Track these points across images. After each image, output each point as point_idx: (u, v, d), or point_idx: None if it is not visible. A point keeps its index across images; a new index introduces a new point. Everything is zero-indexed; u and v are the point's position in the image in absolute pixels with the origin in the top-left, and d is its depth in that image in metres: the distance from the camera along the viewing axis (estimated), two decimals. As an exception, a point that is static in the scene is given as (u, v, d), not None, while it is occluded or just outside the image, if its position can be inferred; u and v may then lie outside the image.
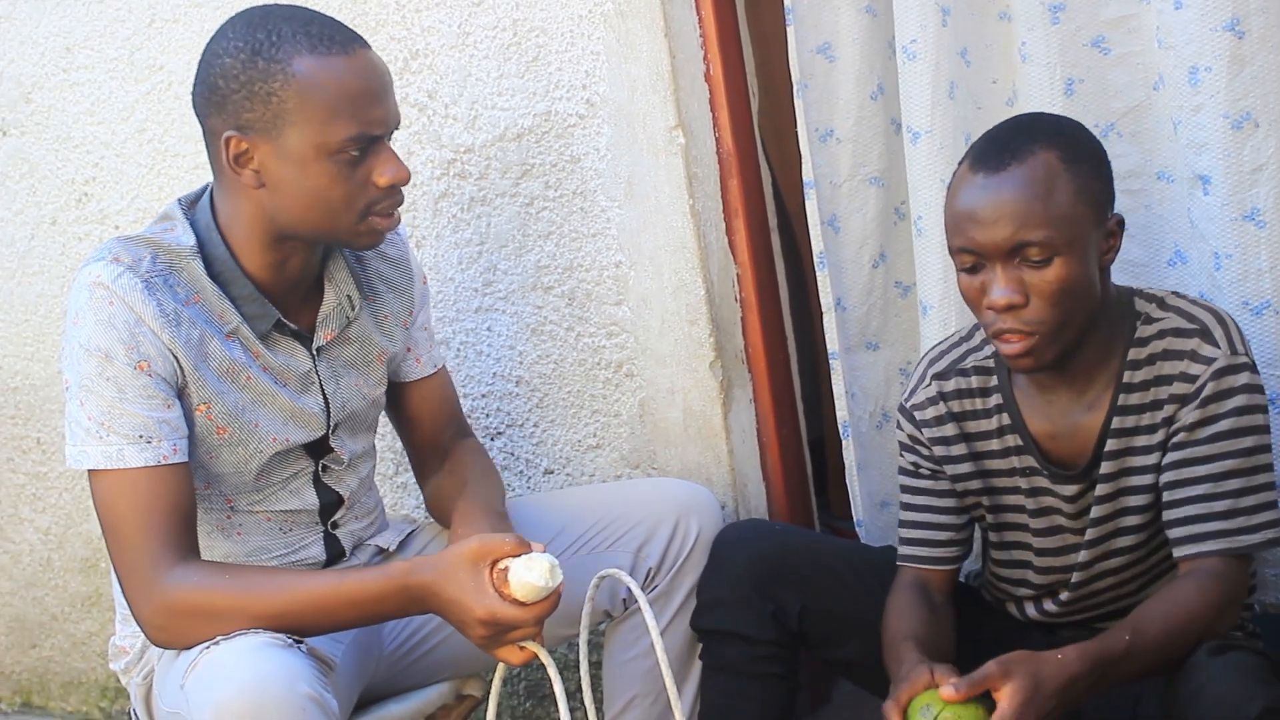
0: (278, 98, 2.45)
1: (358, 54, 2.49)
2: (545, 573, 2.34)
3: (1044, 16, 2.89)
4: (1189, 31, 2.72)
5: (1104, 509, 2.61)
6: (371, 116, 2.48)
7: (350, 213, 2.52)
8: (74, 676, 4.21)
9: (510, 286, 3.41)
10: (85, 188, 3.80)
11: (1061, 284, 2.44)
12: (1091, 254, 2.48)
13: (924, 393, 2.75)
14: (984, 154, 2.50)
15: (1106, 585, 2.68)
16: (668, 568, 2.86)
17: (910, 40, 2.96)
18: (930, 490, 2.77)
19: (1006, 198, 2.44)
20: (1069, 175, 2.45)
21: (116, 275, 2.49)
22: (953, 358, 2.75)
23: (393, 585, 2.43)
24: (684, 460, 3.33)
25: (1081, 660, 2.34)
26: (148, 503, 2.47)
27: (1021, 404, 2.67)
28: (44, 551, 4.11)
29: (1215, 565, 2.48)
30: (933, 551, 2.78)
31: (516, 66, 3.29)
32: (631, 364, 3.33)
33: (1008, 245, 2.44)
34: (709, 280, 3.24)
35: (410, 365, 2.90)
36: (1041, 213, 2.43)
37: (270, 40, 2.46)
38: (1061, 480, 2.64)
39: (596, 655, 3.16)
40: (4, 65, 3.81)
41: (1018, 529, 2.73)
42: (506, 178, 3.35)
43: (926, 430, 2.74)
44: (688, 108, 3.19)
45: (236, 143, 2.49)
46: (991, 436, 2.70)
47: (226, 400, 2.58)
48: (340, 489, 2.78)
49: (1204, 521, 2.49)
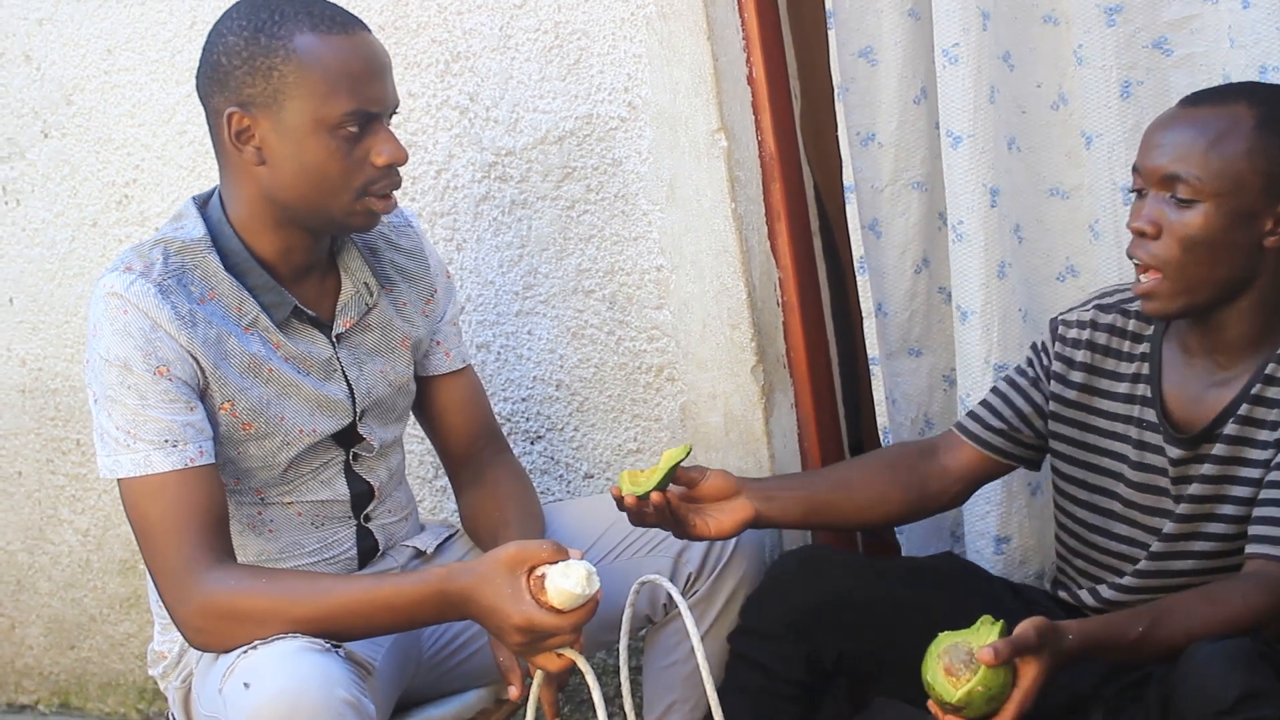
0: (279, 72, 2.49)
1: (358, 34, 2.54)
2: (582, 580, 2.32)
3: (1100, 19, 2.88)
4: (1258, 30, 2.73)
5: (1205, 489, 2.58)
6: (370, 94, 2.52)
7: (347, 191, 2.55)
8: (112, 678, 4.21)
9: (551, 290, 3.40)
10: (126, 190, 3.80)
11: (1197, 232, 2.45)
12: (1246, 222, 2.47)
13: (1079, 314, 2.76)
14: (1195, 95, 2.54)
15: (1181, 572, 2.62)
16: (708, 572, 2.85)
17: (952, 44, 2.94)
18: (1023, 390, 2.80)
19: (1181, 128, 2.48)
20: (1255, 135, 2.45)
21: (129, 283, 2.50)
22: (1124, 296, 2.74)
23: (430, 590, 2.42)
24: (725, 464, 3.31)
25: (1083, 643, 2.33)
26: (178, 506, 2.47)
27: (1166, 360, 2.65)
28: (83, 553, 4.12)
29: (1274, 573, 2.44)
30: (981, 430, 2.82)
31: (558, 69, 3.28)
32: (672, 368, 3.32)
33: (1160, 173, 2.47)
34: (751, 284, 3.22)
35: (439, 359, 2.90)
36: (1201, 154, 2.45)
37: (273, 19, 2.51)
38: (1172, 441, 2.61)
39: (636, 660, 3.15)
40: (45, 67, 3.82)
41: (1112, 476, 2.70)
42: (548, 181, 3.35)
43: (1059, 345, 2.76)
44: (730, 111, 3.18)
45: (239, 119, 2.53)
46: (1123, 380, 2.69)
47: (250, 396, 2.59)
48: (371, 479, 2.77)
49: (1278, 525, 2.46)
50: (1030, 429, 2.81)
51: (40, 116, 3.86)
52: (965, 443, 2.84)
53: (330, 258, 2.71)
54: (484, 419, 2.98)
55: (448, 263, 3.42)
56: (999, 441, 2.82)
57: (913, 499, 2.83)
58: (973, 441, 2.83)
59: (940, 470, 2.85)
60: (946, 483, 2.84)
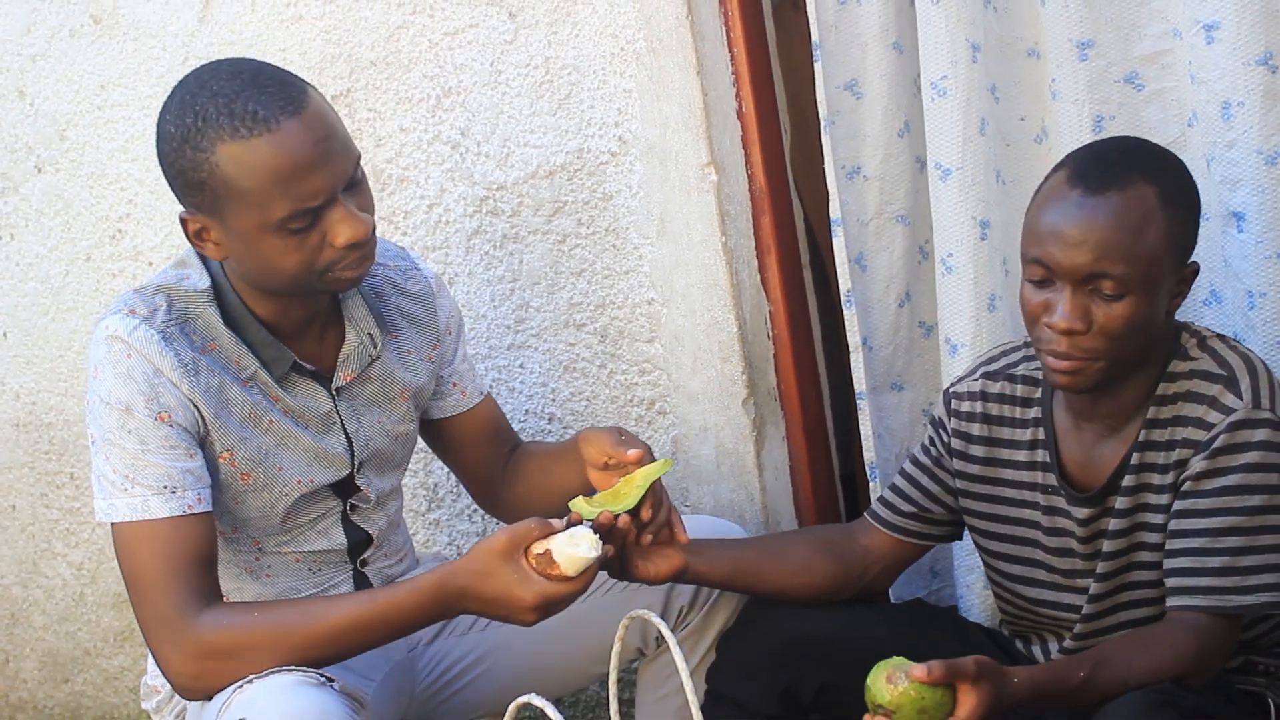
0: (209, 186, 2.43)
1: (283, 128, 2.40)
2: (591, 544, 2.38)
3: (1072, 53, 2.88)
4: (1222, 66, 2.72)
5: (1117, 543, 2.57)
6: (305, 190, 2.41)
7: (309, 275, 2.49)
8: (106, 711, 4.21)
9: (542, 324, 3.41)
10: (119, 224, 3.81)
11: (1128, 322, 2.41)
12: (1163, 297, 2.45)
13: (969, 384, 2.75)
14: (1085, 171, 2.45)
15: (1121, 625, 2.62)
16: (700, 605, 2.85)
17: (940, 76, 2.95)
18: (928, 470, 2.79)
19: (1099, 224, 2.40)
20: (1163, 215, 2.42)
21: (133, 328, 2.50)
22: (1008, 361, 2.73)
23: (426, 597, 2.43)
24: (717, 498, 3.32)
25: (1031, 689, 2.33)
26: (172, 553, 2.46)
27: (1059, 422, 2.64)
28: (77, 587, 4.12)
29: (1199, 621, 2.44)
30: (892, 516, 2.81)
31: (549, 104, 3.30)
32: (664, 401, 3.33)
33: (1085, 271, 2.41)
34: (741, 317, 3.23)
35: (455, 399, 2.90)
36: (1128, 248, 2.39)
37: (196, 126, 2.42)
38: (1075, 502, 2.61)
39: (629, 693, 3.16)
40: (39, 103, 3.84)
41: (1030, 544, 2.69)
42: (539, 215, 3.36)
43: (954, 421, 2.74)
44: (720, 145, 3.19)
45: (191, 221, 2.50)
46: (1021, 448, 2.69)
47: (249, 446, 2.58)
48: (369, 528, 2.78)
49: (1195, 575, 2.45)
50: (941, 506, 2.80)
51: (34, 151, 3.87)
52: (878, 529, 2.83)
53: (335, 307, 2.69)
54: (508, 442, 2.99)
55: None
56: (912, 525, 2.81)
57: (838, 575, 2.79)
58: (884, 528, 2.82)
59: (862, 552, 2.83)
60: (868, 563, 2.82)
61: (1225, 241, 2.81)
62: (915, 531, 2.82)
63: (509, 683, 2.83)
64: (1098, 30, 2.87)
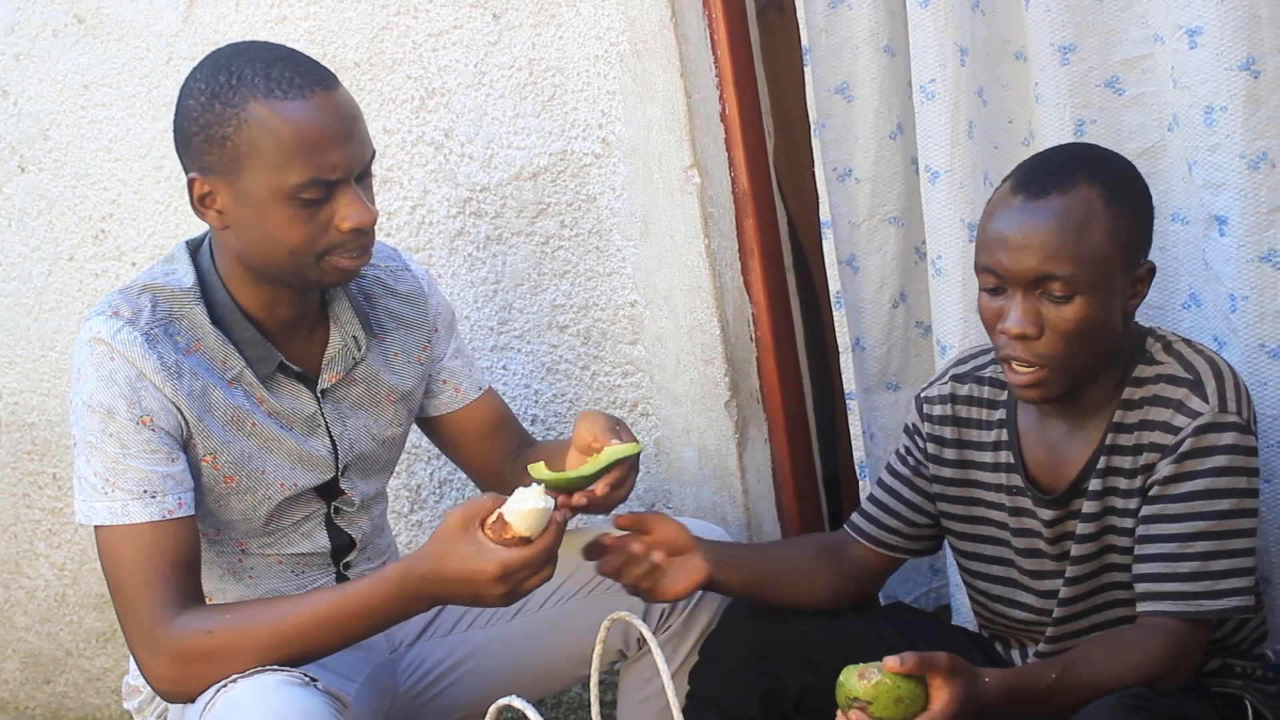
0: (232, 142, 2.44)
1: (317, 97, 2.45)
2: (538, 496, 2.34)
3: (1054, 57, 2.89)
4: (1204, 71, 2.72)
5: (1085, 548, 2.57)
6: (328, 161, 2.44)
7: (308, 255, 2.49)
8: (88, 712, 4.20)
9: (526, 325, 3.41)
10: (102, 224, 3.81)
11: (1079, 323, 2.43)
12: (1116, 297, 2.46)
13: (939, 389, 2.76)
14: (1028, 178, 2.48)
15: (1094, 627, 2.62)
16: (681, 608, 2.85)
17: (929, 80, 2.96)
18: (907, 480, 2.79)
19: (1040, 227, 2.42)
20: (1107, 215, 2.43)
21: (116, 330, 2.50)
22: (977, 364, 2.74)
23: (392, 586, 2.41)
24: (699, 500, 3.32)
25: (1003, 690, 2.33)
26: (152, 557, 2.46)
27: (1022, 424, 2.65)
28: (59, 587, 4.11)
29: (1170, 625, 2.45)
30: (875, 530, 2.80)
31: (532, 106, 3.30)
32: (647, 403, 3.33)
33: (1031, 275, 2.43)
34: (724, 320, 3.24)
35: (448, 396, 2.90)
36: (1072, 249, 2.41)
37: (230, 84, 2.45)
38: (1041, 504, 2.61)
39: (610, 694, 3.16)
40: (22, 103, 3.83)
41: (1002, 545, 2.70)
42: (522, 216, 3.36)
43: (928, 425, 2.75)
44: (703, 147, 3.20)
45: (200, 184, 2.50)
46: (986, 449, 2.69)
47: (232, 449, 2.58)
48: (353, 531, 2.77)
49: (1165, 580, 2.45)
50: (924, 515, 2.80)
51: (17, 151, 3.87)
52: (860, 542, 2.83)
53: (322, 308, 2.69)
54: (514, 438, 2.97)
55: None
56: (895, 540, 2.82)
57: (837, 586, 2.79)
58: (868, 542, 2.83)
59: (855, 563, 2.83)
60: (861, 575, 2.83)
61: (1206, 245, 2.82)
62: (897, 546, 2.82)
63: (491, 684, 2.83)
64: (1079, 35, 2.87)
